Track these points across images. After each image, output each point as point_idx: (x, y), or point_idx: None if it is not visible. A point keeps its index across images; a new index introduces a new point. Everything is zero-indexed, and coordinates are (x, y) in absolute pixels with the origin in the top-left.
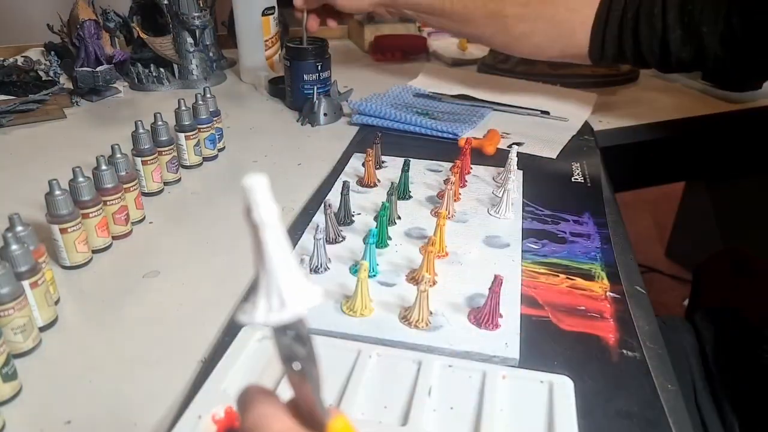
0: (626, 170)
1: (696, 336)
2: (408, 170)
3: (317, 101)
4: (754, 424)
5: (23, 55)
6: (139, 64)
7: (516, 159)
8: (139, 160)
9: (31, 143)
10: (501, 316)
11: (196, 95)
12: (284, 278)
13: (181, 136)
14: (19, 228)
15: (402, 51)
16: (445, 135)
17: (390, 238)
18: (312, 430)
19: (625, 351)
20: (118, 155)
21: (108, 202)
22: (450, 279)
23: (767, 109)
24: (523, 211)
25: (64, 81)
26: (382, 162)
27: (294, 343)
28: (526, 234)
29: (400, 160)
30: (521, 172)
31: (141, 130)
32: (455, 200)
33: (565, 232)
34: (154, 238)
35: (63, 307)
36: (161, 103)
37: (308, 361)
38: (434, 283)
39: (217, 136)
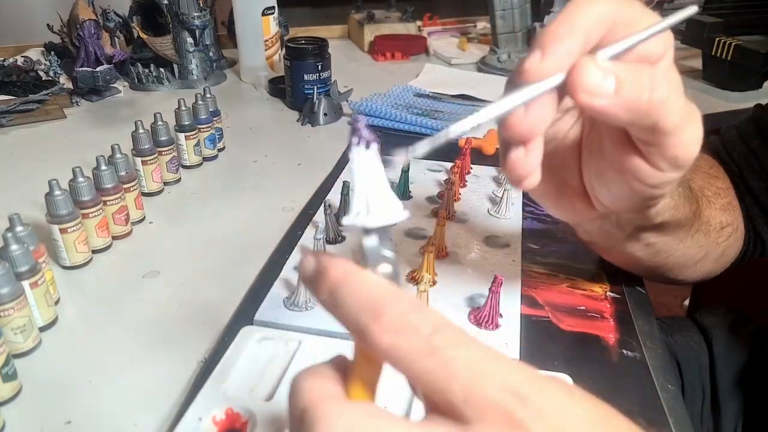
0: None
1: (703, 335)
2: (408, 170)
3: (317, 101)
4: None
5: (23, 55)
6: (139, 64)
7: None
8: (139, 160)
9: (31, 143)
10: (501, 316)
11: (196, 95)
12: (372, 195)
13: (181, 136)
14: (19, 228)
15: (402, 51)
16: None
17: (390, 238)
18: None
19: (625, 351)
20: (118, 155)
21: (108, 202)
22: (450, 279)
23: None
24: (523, 211)
25: (64, 81)
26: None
27: (381, 247)
28: (526, 234)
29: None
30: None
31: (141, 130)
32: (455, 200)
33: (565, 232)
34: (154, 238)
35: (63, 307)
36: (161, 103)
37: (395, 264)
38: (434, 283)
39: (217, 136)
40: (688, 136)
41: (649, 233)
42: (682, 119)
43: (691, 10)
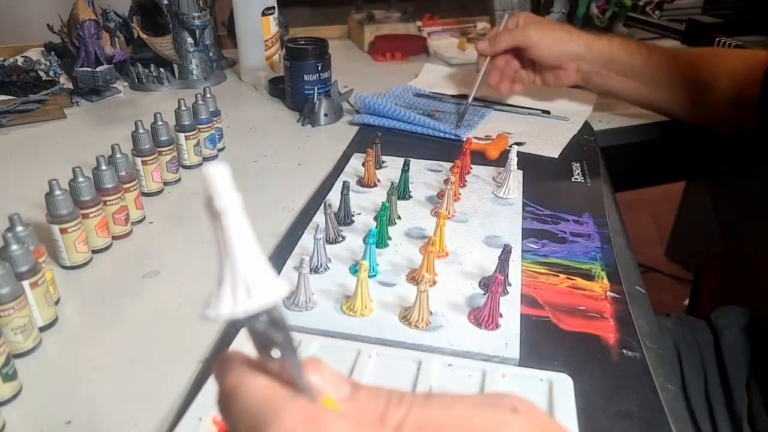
0: (626, 170)
1: (713, 335)
2: (408, 170)
3: (317, 101)
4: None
5: (23, 55)
6: (139, 64)
7: (516, 159)
8: (139, 160)
9: (31, 143)
10: (501, 316)
11: (196, 95)
12: (249, 267)
13: (181, 136)
14: (19, 228)
15: (402, 51)
16: (447, 135)
17: (390, 238)
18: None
19: (625, 351)
20: (118, 155)
21: (108, 202)
22: (450, 279)
23: None
24: (523, 211)
25: (64, 81)
26: (382, 162)
27: (269, 329)
28: (526, 234)
29: (400, 160)
30: (521, 172)
31: (141, 130)
32: (455, 200)
33: (565, 232)
34: (154, 238)
35: (63, 307)
36: (161, 103)
37: (286, 346)
38: (434, 283)
39: (217, 136)
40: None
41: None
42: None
43: None
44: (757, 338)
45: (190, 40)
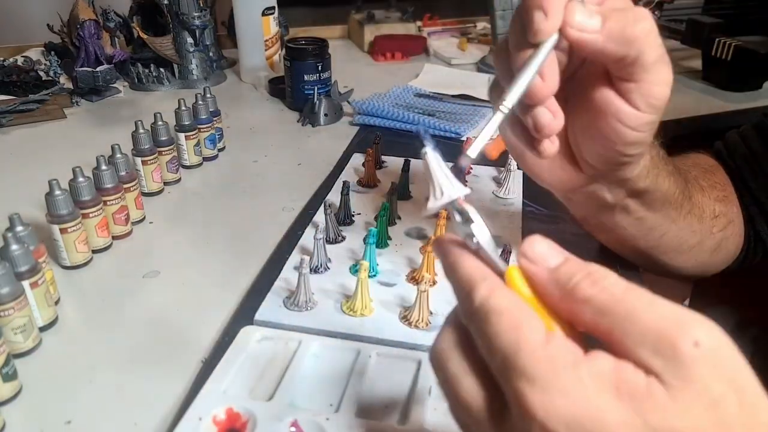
0: None
1: None
2: (408, 170)
3: (318, 101)
4: None
5: (23, 55)
6: (139, 64)
7: None
8: (139, 160)
9: (31, 143)
10: None
11: (196, 95)
12: (441, 181)
13: (181, 136)
14: (19, 228)
15: (402, 51)
16: (448, 134)
17: (390, 238)
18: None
19: None
20: (118, 155)
21: (108, 202)
22: None
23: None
24: (523, 211)
25: (64, 81)
26: (382, 162)
27: (465, 225)
28: (527, 234)
29: (400, 160)
30: (521, 172)
31: (141, 130)
32: None
33: (565, 232)
34: (154, 238)
35: (63, 307)
36: (161, 103)
37: (474, 233)
38: (434, 283)
39: (217, 136)
40: (663, 75)
41: (638, 205)
42: (660, 57)
43: None
44: (748, 342)
45: (190, 40)
